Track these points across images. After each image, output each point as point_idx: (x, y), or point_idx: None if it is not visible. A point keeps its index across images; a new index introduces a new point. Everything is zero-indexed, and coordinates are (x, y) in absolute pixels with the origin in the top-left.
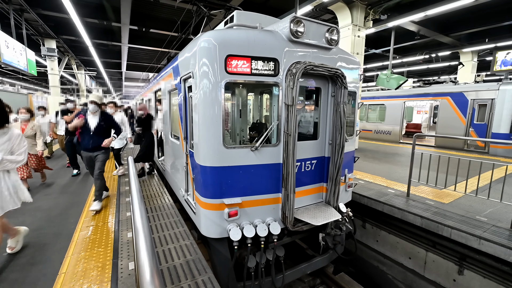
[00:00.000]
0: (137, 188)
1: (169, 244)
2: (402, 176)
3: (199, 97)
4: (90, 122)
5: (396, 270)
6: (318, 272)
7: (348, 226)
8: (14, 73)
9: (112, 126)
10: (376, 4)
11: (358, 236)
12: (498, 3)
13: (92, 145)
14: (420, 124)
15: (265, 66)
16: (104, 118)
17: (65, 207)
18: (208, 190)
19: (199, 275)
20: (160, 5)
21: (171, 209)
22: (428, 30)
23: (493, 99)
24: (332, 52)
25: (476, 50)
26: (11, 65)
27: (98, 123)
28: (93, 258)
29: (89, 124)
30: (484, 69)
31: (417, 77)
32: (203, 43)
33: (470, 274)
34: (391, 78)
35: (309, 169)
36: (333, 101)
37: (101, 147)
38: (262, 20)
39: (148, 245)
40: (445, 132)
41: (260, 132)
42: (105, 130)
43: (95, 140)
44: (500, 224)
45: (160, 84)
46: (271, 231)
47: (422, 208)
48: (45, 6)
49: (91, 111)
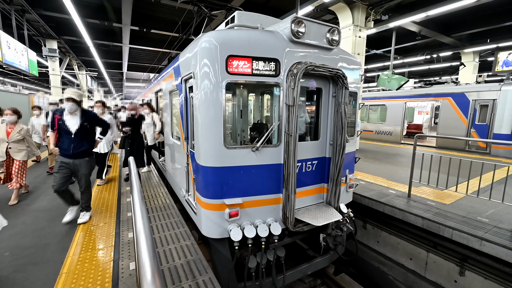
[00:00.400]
0: (138, 188)
1: (170, 245)
2: (403, 177)
3: (200, 97)
4: (69, 124)
5: (397, 271)
6: (319, 273)
7: (349, 226)
8: (16, 74)
9: (98, 124)
10: (377, 5)
11: (359, 236)
12: (500, 3)
13: (73, 150)
14: (421, 125)
15: (266, 67)
16: (87, 117)
17: (66, 207)
18: (209, 190)
19: (200, 275)
20: (161, 6)
21: (172, 209)
22: (429, 30)
23: (494, 99)
24: (333, 53)
25: (477, 51)
26: (12, 66)
27: (80, 123)
28: (94, 258)
29: (68, 126)
30: (486, 70)
31: (418, 77)
32: (204, 43)
33: (472, 275)
34: (392, 78)
35: (310, 170)
36: (334, 102)
37: (85, 152)
38: (263, 20)
39: (149, 245)
40: (446, 132)
41: (261, 133)
42: (89, 131)
43: (77, 144)
44: (501, 225)
45: (161, 84)
46: (272, 232)
47: (423, 209)
48: (46, 6)
49: (68, 111)
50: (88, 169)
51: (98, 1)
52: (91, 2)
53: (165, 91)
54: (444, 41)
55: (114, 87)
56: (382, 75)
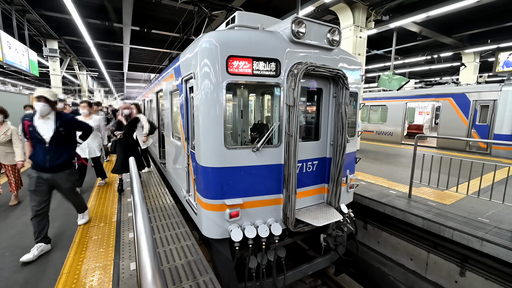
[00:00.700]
0: (139, 188)
1: (170, 245)
2: (403, 177)
3: (200, 97)
4: (41, 131)
5: (398, 271)
6: (320, 273)
7: (349, 227)
8: (16, 74)
9: (77, 128)
10: (378, 5)
11: (359, 237)
12: (500, 3)
13: (50, 162)
14: (422, 125)
15: (267, 67)
16: (63, 122)
17: (67, 207)
18: (210, 190)
19: (201, 275)
20: (162, 6)
21: (172, 209)
22: (430, 31)
23: (495, 100)
24: (333, 53)
25: (478, 51)
26: (13, 66)
27: (55, 129)
28: (95, 259)
29: (41, 134)
30: (486, 70)
31: (419, 78)
32: (204, 43)
33: (472, 276)
34: (393, 79)
35: (311, 170)
36: (335, 102)
37: (64, 164)
38: (264, 20)
39: (150, 246)
40: (447, 133)
41: (262, 133)
42: (67, 138)
43: (53, 155)
44: (502, 225)
45: (162, 85)
46: (273, 232)
47: (424, 209)
48: (47, 7)
49: (40, 114)
50: (71, 183)
51: (99, 1)
52: (92, 2)
53: (166, 91)
54: (444, 41)
55: (114, 87)
56: (383, 75)
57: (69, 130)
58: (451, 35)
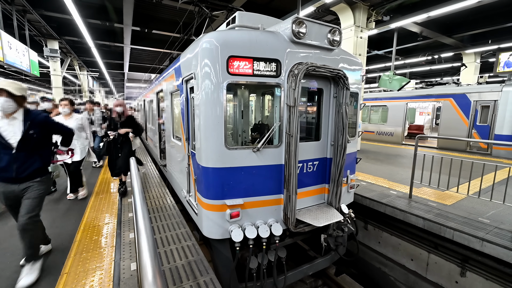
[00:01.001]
0: (139, 189)
1: (171, 245)
2: (404, 178)
3: (201, 98)
4: (5, 134)
5: (398, 272)
6: (320, 274)
7: (350, 227)
8: (17, 74)
9: (53, 131)
10: (379, 5)
11: (360, 237)
12: (501, 4)
13: (18, 172)
14: (423, 126)
15: (267, 67)
16: (34, 122)
17: (67, 208)
18: (210, 191)
19: (201, 276)
20: (162, 6)
21: (173, 210)
22: (430, 31)
23: (496, 100)
24: (334, 53)
25: (479, 52)
26: (14, 66)
27: (24, 132)
28: (95, 259)
29: (5, 137)
30: (487, 71)
31: (419, 78)
32: (205, 44)
33: (473, 276)
34: (394, 79)
35: (311, 170)
36: (335, 102)
37: (37, 172)
38: (264, 21)
39: (150, 246)
40: (447, 133)
41: (262, 133)
42: (41, 141)
43: (22, 164)
44: (503, 226)
45: (162, 85)
46: (273, 232)
47: (424, 209)
48: (47, 7)
49: (3, 112)
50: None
51: (100, 1)
52: (93, 3)
53: (166, 91)
54: (445, 42)
55: (115, 87)
56: (384, 75)
57: (42, 132)
58: (451, 36)
